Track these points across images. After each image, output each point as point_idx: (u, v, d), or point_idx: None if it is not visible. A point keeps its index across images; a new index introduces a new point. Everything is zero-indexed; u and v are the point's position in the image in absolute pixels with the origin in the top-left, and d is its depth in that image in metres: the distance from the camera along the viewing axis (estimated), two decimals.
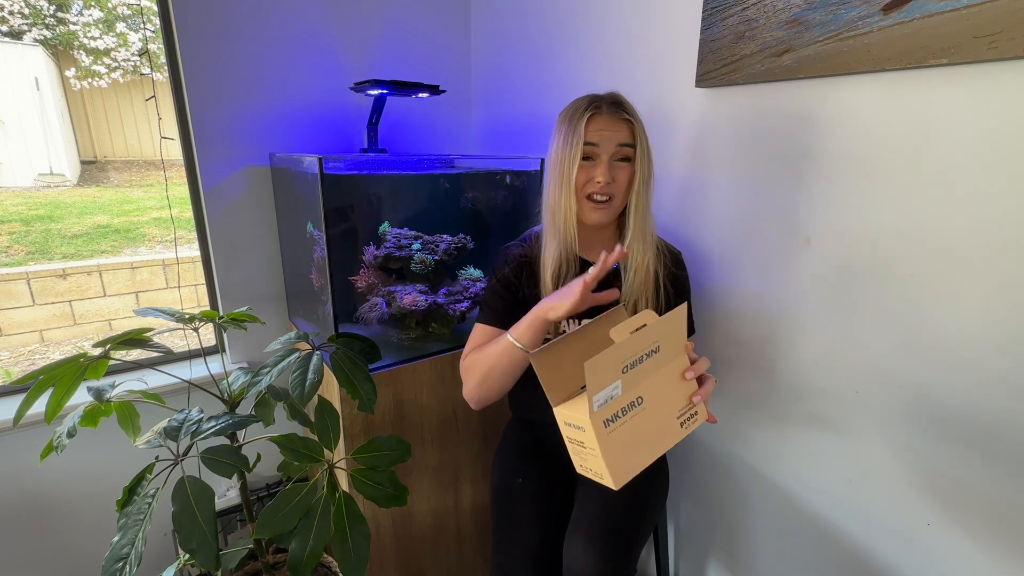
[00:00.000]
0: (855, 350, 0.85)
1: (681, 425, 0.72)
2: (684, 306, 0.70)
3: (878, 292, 0.80)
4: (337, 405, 1.07)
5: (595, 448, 0.66)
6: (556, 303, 0.80)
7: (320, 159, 1.00)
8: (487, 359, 0.89)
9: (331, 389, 1.12)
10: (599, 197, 0.86)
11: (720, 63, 0.93)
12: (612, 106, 0.85)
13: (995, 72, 0.65)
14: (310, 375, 0.89)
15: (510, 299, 0.97)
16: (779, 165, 0.91)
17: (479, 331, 0.97)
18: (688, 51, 1.00)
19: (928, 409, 0.77)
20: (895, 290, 0.79)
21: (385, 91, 1.22)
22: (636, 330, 0.68)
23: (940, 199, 0.72)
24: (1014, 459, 0.70)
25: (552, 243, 0.91)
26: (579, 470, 0.74)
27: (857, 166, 0.80)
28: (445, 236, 1.30)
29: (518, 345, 0.84)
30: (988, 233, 0.68)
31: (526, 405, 1.07)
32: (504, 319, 0.97)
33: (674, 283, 0.95)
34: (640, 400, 0.68)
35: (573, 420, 0.67)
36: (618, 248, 0.76)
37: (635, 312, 0.91)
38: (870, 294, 0.82)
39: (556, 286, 0.91)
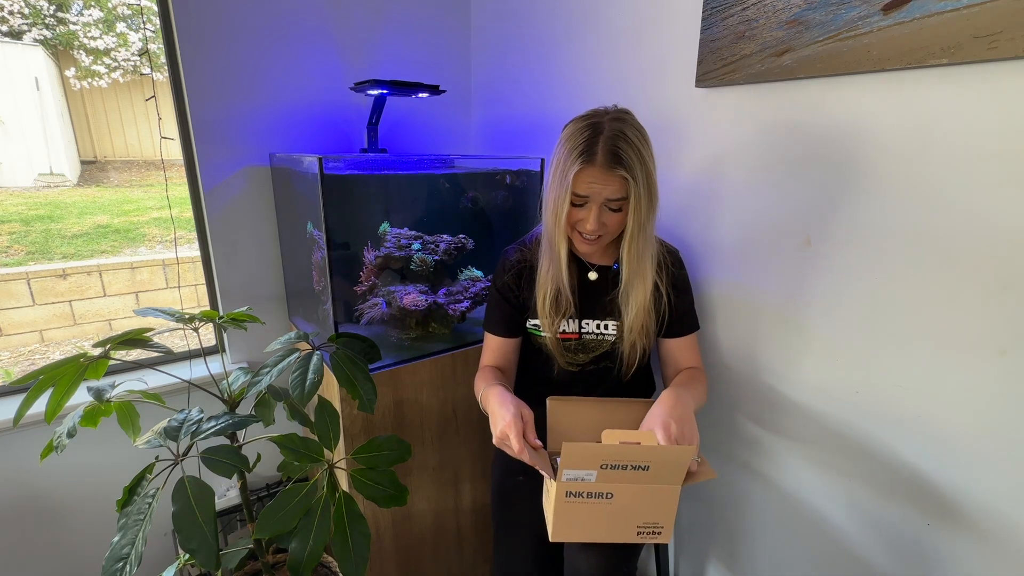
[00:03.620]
0: (855, 350, 0.85)
1: (637, 534, 0.73)
2: (692, 448, 0.69)
3: (877, 291, 0.80)
4: (337, 405, 1.07)
5: (551, 504, 0.70)
6: (493, 426, 0.80)
7: (320, 159, 1.00)
8: (477, 393, 0.94)
9: (331, 389, 1.12)
10: (589, 236, 0.86)
11: (720, 63, 0.93)
12: (608, 157, 0.78)
13: (995, 72, 0.65)
14: (310, 375, 0.89)
15: (509, 308, 0.98)
16: (779, 165, 0.91)
17: (488, 340, 1.03)
18: (688, 51, 1.00)
19: (928, 409, 0.77)
20: (895, 290, 0.79)
21: (385, 91, 1.22)
22: (628, 443, 0.70)
23: (940, 198, 0.72)
24: (1014, 459, 0.70)
25: (546, 263, 0.91)
26: (544, 501, 0.78)
27: (857, 166, 0.80)
28: (445, 236, 1.30)
29: (487, 412, 0.88)
30: (988, 233, 0.68)
31: (528, 403, 1.07)
32: (508, 328, 1.00)
33: (674, 284, 0.94)
34: (610, 495, 0.70)
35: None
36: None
37: (632, 347, 0.92)
38: (870, 294, 0.82)
39: (550, 311, 0.92)
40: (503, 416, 0.78)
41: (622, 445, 0.68)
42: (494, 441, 0.79)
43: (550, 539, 0.73)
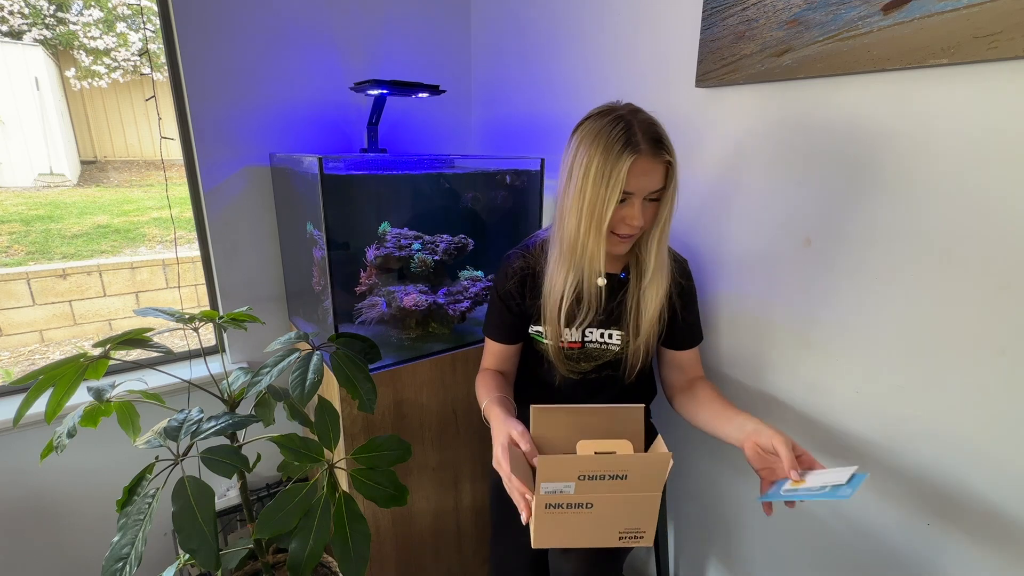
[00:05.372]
0: (855, 349, 0.85)
1: (619, 539, 0.73)
2: (668, 456, 0.67)
3: (878, 291, 0.80)
4: (337, 405, 1.07)
5: (532, 515, 0.70)
6: (495, 442, 0.80)
7: (320, 159, 1.00)
8: (479, 402, 0.93)
9: (331, 389, 1.12)
10: (629, 233, 0.83)
11: (720, 63, 0.93)
12: (652, 144, 0.77)
13: (995, 72, 0.65)
14: (310, 375, 0.89)
15: (511, 316, 0.97)
16: (779, 165, 0.91)
17: (489, 346, 1.01)
18: (688, 51, 1.00)
19: (928, 409, 0.77)
20: (895, 290, 0.79)
21: (385, 91, 1.22)
22: (603, 452, 0.69)
23: (940, 199, 0.72)
24: (1013, 459, 0.70)
25: (562, 270, 0.87)
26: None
27: (857, 165, 0.80)
28: (445, 236, 1.30)
29: (488, 424, 0.87)
30: (988, 233, 0.68)
31: (526, 405, 1.07)
32: (509, 335, 0.99)
33: (680, 295, 0.93)
34: (590, 505, 0.69)
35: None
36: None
37: (636, 351, 0.91)
38: (870, 294, 0.81)
39: (555, 318, 0.90)
40: (498, 440, 0.78)
41: (597, 456, 0.68)
42: (492, 463, 0.79)
43: (532, 546, 0.72)
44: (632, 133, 0.77)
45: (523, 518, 0.72)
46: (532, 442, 0.75)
